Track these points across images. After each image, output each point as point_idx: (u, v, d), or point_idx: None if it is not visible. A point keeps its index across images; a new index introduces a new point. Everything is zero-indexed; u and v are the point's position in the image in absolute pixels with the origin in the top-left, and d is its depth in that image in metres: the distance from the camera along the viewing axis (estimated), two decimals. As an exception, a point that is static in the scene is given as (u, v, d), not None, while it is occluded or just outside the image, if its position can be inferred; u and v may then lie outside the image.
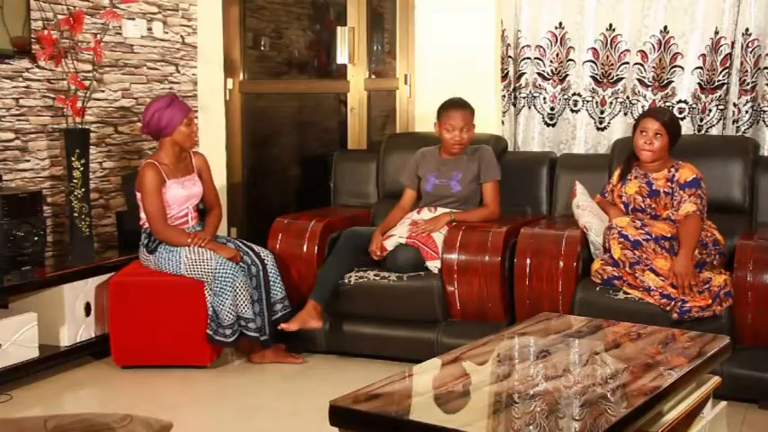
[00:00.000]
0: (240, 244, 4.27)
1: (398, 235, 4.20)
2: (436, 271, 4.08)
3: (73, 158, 4.38)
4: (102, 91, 4.89)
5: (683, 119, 4.35)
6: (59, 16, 4.49)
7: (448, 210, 4.28)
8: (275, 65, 6.13)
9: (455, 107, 4.31)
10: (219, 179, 5.28)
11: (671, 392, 2.51)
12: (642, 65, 4.46)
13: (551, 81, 4.68)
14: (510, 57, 4.73)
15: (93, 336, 4.23)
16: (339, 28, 5.25)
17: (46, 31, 4.40)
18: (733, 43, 4.28)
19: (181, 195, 4.18)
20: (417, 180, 4.44)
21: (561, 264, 3.86)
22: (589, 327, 3.12)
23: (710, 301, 3.59)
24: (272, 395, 3.81)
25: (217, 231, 4.34)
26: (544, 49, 4.66)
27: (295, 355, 4.25)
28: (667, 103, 4.42)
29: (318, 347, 4.31)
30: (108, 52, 4.87)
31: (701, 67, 4.36)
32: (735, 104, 4.32)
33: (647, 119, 3.97)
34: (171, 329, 4.07)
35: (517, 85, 4.74)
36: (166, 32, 5.32)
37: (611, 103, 4.58)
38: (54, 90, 4.59)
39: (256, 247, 4.25)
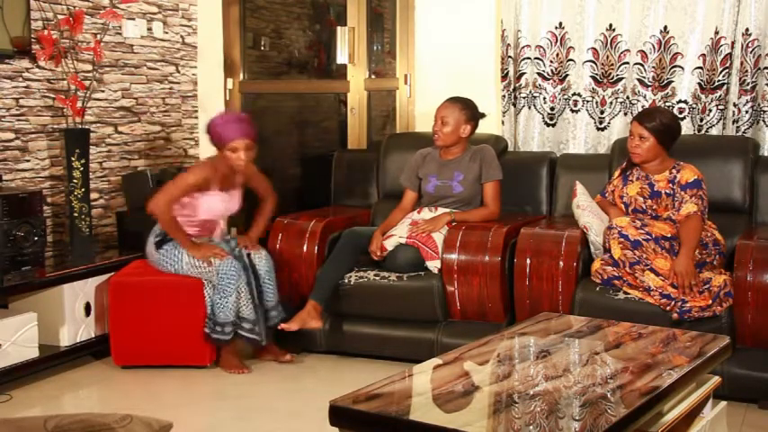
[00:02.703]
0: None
1: (398, 235, 4.20)
2: (436, 271, 4.07)
3: (73, 158, 4.38)
4: (102, 91, 4.89)
5: (683, 119, 4.35)
6: (59, 16, 4.49)
7: (448, 209, 4.28)
8: (275, 65, 6.13)
9: (444, 101, 4.33)
10: (219, 179, 5.28)
11: (671, 392, 2.51)
12: (642, 65, 4.46)
13: (551, 81, 4.68)
14: (510, 57, 4.72)
15: (93, 336, 4.23)
16: (339, 28, 5.25)
17: (46, 31, 4.40)
18: (733, 43, 4.28)
19: (217, 208, 4.17)
20: (418, 181, 4.43)
21: (561, 264, 3.86)
22: (589, 327, 3.12)
23: (711, 301, 3.59)
24: (272, 395, 3.81)
25: (268, 221, 4.41)
26: (544, 49, 4.66)
27: (284, 351, 4.22)
28: (667, 103, 4.42)
29: (318, 347, 4.31)
30: (108, 52, 4.87)
31: (701, 67, 4.36)
32: (735, 104, 4.32)
33: (633, 122, 4.00)
34: (170, 329, 4.07)
35: (517, 85, 4.74)
36: (166, 32, 5.32)
37: (611, 103, 4.58)
38: (54, 90, 4.59)
39: (253, 253, 4.22)
